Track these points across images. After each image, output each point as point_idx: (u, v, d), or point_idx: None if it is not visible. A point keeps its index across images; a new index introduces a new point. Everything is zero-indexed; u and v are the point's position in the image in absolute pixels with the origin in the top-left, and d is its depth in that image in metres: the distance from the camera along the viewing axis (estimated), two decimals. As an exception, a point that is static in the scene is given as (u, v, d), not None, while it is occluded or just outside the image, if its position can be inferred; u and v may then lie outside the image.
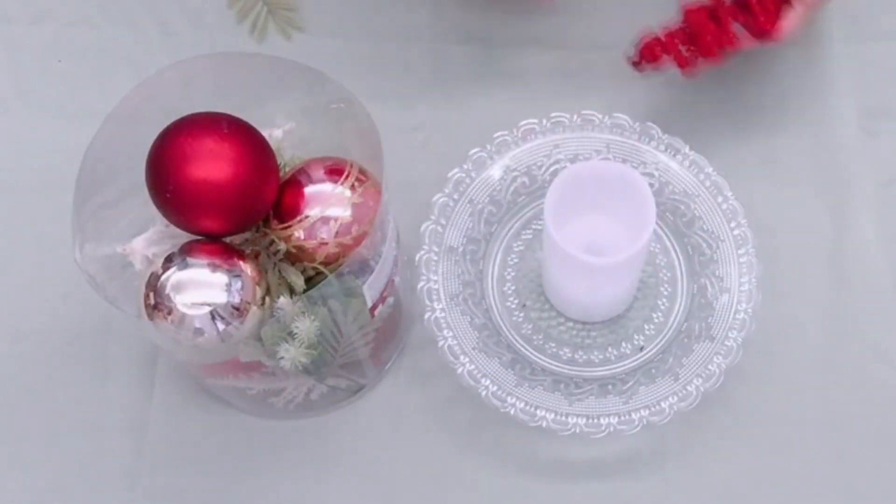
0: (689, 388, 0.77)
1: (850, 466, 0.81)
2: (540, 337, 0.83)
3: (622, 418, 0.77)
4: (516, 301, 0.85)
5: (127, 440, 0.83)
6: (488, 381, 0.77)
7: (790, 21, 0.79)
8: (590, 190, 0.77)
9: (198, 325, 0.66)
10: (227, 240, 0.68)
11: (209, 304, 0.66)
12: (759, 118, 0.92)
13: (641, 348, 0.82)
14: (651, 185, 0.78)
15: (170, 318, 0.66)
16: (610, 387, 0.79)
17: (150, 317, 0.67)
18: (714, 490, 0.81)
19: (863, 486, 0.81)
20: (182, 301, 0.66)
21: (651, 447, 0.81)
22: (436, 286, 0.81)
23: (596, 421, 0.76)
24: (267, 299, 0.68)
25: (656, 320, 0.83)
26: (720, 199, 0.84)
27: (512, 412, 0.77)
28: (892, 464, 0.81)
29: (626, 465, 0.81)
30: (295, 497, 0.81)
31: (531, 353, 0.82)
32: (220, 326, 0.66)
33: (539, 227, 0.86)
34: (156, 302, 0.67)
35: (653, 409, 0.77)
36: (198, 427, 0.83)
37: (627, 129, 0.85)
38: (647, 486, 0.81)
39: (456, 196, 0.84)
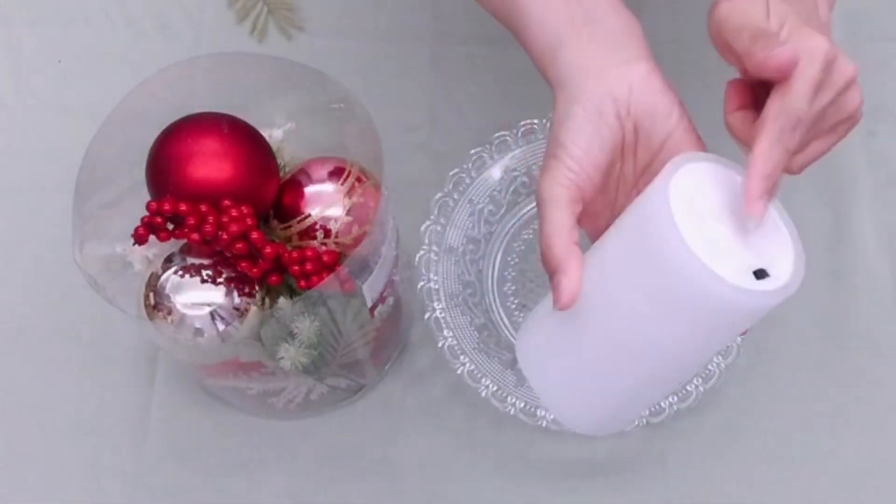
0: (688, 387, 0.77)
1: (849, 466, 0.81)
2: (540, 337, 0.83)
3: (622, 418, 0.77)
4: (516, 301, 0.85)
5: (127, 440, 0.83)
6: (488, 381, 0.77)
7: None
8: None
9: (198, 325, 0.66)
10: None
11: (209, 305, 0.66)
12: (759, 118, 0.92)
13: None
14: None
15: (170, 318, 0.66)
16: (610, 387, 0.79)
17: (150, 317, 0.67)
18: (714, 490, 0.81)
19: (862, 485, 0.80)
20: (182, 301, 0.66)
21: (651, 447, 0.81)
22: (436, 286, 0.81)
23: (596, 421, 0.76)
24: (267, 299, 0.68)
25: (656, 320, 0.83)
26: (720, 199, 0.84)
27: (512, 412, 0.77)
28: (890, 463, 0.81)
29: (626, 465, 0.81)
30: (295, 497, 0.81)
31: (531, 353, 0.82)
32: (220, 326, 0.66)
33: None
34: (156, 302, 0.67)
35: (652, 408, 0.77)
36: (198, 427, 0.83)
37: (627, 129, 0.85)
38: (647, 486, 0.81)
39: (456, 196, 0.84)
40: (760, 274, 0.53)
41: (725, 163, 0.58)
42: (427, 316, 0.79)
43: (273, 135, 0.72)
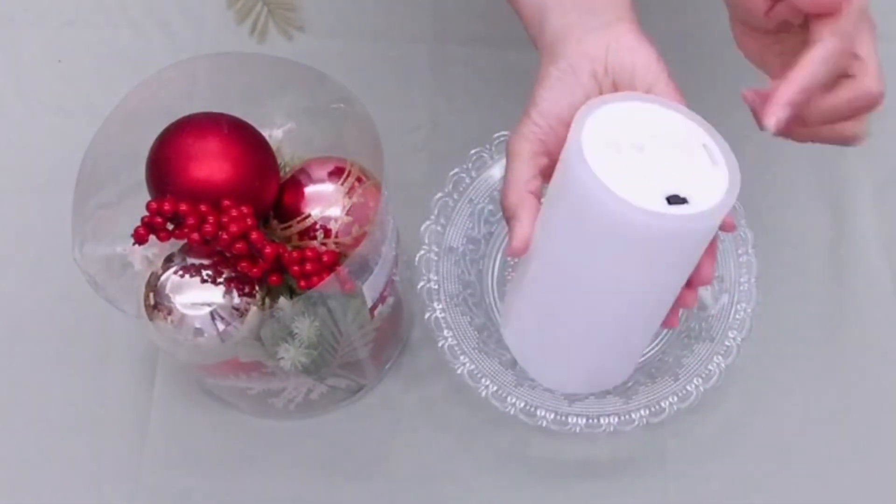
0: (688, 387, 0.77)
1: (849, 466, 0.81)
2: (540, 337, 0.83)
3: (622, 418, 0.77)
4: (516, 301, 0.85)
5: (127, 440, 0.83)
6: (488, 381, 0.77)
7: None
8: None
9: (198, 325, 0.66)
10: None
11: (209, 305, 0.66)
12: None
13: (641, 348, 0.82)
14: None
15: (170, 318, 0.66)
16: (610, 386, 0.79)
17: (150, 317, 0.67)
18: (714, 490, 0.81)
19: (862, 485, 0.80)
20: (182, 301, 0.66)
21: (651, 447, 0.81)
22: (436, 286, 0.81)
23: (596, 421, 0.76)
24: (267, 299, 0.68)
25: (656, 320, 0.83)
26: (720, 198, 0.84)
27: (512, 412, 0.77)
28: (891, 463, 0.81)
29: (626, 465, 0.81)
30: (295, 497, 0.81)
31: (531, 353, 0.82)
32: (220, 326, 0.66)
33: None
34: (156, 302, 0.67)
35: (652, 408, 0.77)
36: (198, 427, 0.83)
37: (627, 129, 0.85)
38: (647, 486, 0.81)
39: (456, 196, 0.84)
40: (675, 200, 0.54)
41: (648, 98, 0.59)
42: (427, 316, 0.79)
43: (273, 135, 0.72)
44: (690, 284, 0.60)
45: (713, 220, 0.55)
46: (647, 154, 0.56)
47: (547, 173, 0.60)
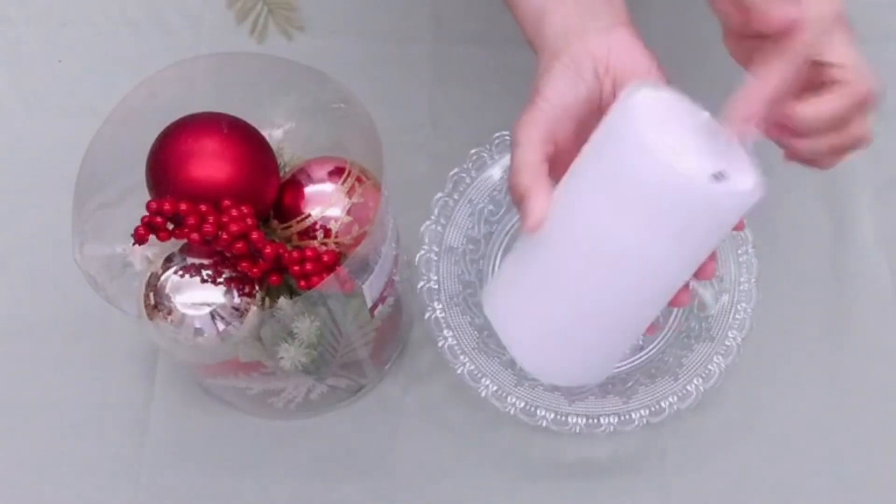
0: (688, 387, 0.77)
1: (849, 466, 0.81)
2: (540, 337, 0.83)
3: (622, 418, 0.77)
4: (516, 301, 0.84)
5: (127, 440, 0.83)
6: (488, 381, 0.77)
7: None
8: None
9: (198, 325, 0.66)
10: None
11: (209, 304, 0.66)
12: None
13: (641, 348, 0.82)
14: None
15: (170, 318, 0.66)
16: (610, 386, 0.79)
17: (150, 317, 0.67)
18: (714, 490, 0.81)
19: (862, 485, 0.80)
20: (182, 301, 0.66)
21: (651, 447, 0.81)
22: (436, 286, 0.81)
23: (596, 421, 0.76)
24: (267, 299, 0.68)
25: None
26: (720, 198, 0.84)
27: (512, 412, 0.77)
28: (891, 463, 0.81)
29: (626, 465, 0.81)
30: (295, 497, 0.81)
31: (531, 352, 0.82)
32: (220, 326, 0.66)
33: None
34: (156, 302, 0.67)
35: (652, 408, 0.77)
36: (198, 427, 0.83)
37: (627, 129, 0.85)
38: (647, 486, 0.81)
39: (456, 196, 0.84)
40: (719, 177, 0.54)
41: (679, 93, 0.59)
42: (427, 316, 0.79)
43: (273, 135, 0.72)
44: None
45: (751, 201, 0.55)
46: (691, 133, 0.56)
47: (552, 162, 0.60)
